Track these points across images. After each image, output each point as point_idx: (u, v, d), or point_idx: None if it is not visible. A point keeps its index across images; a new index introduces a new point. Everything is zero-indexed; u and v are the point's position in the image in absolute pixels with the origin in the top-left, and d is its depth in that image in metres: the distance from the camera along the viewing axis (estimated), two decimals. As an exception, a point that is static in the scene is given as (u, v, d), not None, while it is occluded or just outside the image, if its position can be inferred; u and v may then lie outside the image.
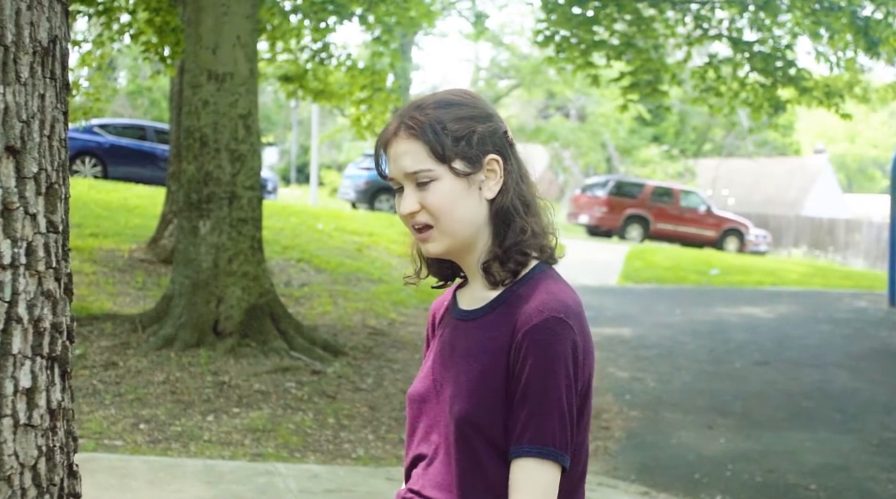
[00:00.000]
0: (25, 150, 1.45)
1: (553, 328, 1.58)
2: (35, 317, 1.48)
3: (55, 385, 1.54)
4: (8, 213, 1.42)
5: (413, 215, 1.67)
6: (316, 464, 5.78)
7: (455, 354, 1.70)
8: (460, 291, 1.80)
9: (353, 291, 12.39)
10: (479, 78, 41.88)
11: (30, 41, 1.45)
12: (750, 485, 5.95)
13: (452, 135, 1.65)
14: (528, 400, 1.58)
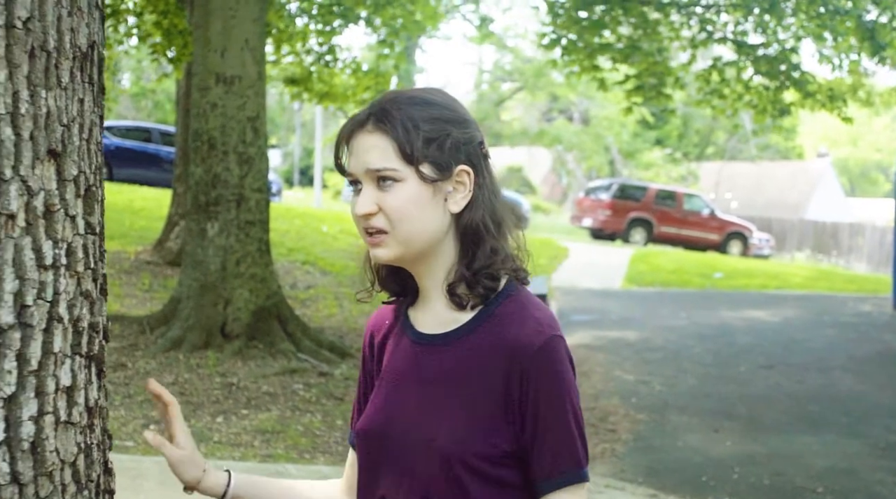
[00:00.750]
0: (66, 153, 1.48)
1: (557, 348, 1.48)
2: (74, 317, 1.51)
3: (92, 384, 1.57)
4: (49, 214, 1.45)
5: (368, 217, 1.51)
6: (325, 465, 5.81)
7: (424, 384, 1.55)
8: (413, 311, 1.63)
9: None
10: (483, 81, 41.90)
11: (70, 47, 1.48)
12: (757, 488, 5.97)
13: (424, 135, 1.50)
14: (550, 428, 1.47)
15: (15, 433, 1.41)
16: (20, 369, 1.41)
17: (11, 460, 1.40)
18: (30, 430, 1.43)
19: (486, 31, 14.27)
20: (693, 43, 10.78)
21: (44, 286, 1.44)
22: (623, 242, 25.43)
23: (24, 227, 1.41)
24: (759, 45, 10.96)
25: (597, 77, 11.25)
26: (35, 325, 1.43)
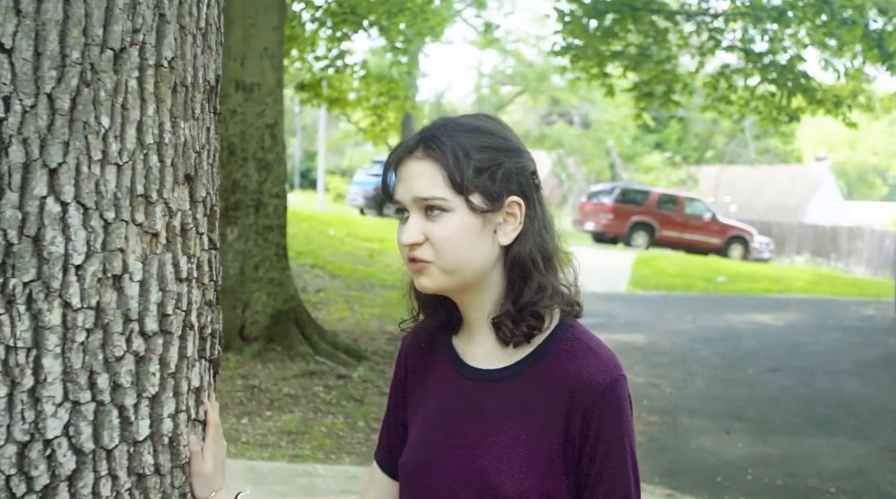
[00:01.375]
0: (197, 177, 1.64)
1: (622, 388, 1.46)
2: (201, 324, 1.66)
3: (211, 385, 1.73)
4: (185, 232, 1.61)
5: (414, 247, 1.47)
6: (352, 465, 5.96)
7: (480, 420, 1.50)
8: (458, 342, 1.59)
9: (368, 297, 12.57)
10: (483, 84, 42.06)
11: (202, 81, 1.64)
12: (771, 488, 6.13)
13: (475, 164, 1.45)
14: (607, 469, 1.44)
15: (157, 429, 1.57)
16: (162, 372, 1.57)
17: (154, 453, 1.56)
18: (169, 426, 1.59)
19: (492, 38, 14.44)
20: (701, 51, 10.96)
21: (180, 297, 1.60)
22: (625, 246, 25.61)
23: (165, 244, 1.57)
24: (766, 53, 11.14)
25: (605, 84, 11.42)
26: (174, 332, 1.59)
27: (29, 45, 1.38)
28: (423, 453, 1.55)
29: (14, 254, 1.39)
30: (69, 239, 1.43)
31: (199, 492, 1.67)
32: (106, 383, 1.49)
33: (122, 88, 1.48)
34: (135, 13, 1.48)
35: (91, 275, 1.46)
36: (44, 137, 1.40)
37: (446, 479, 1.51)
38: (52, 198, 1.42)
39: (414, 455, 1.57)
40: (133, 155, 1.50)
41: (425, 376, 1.62)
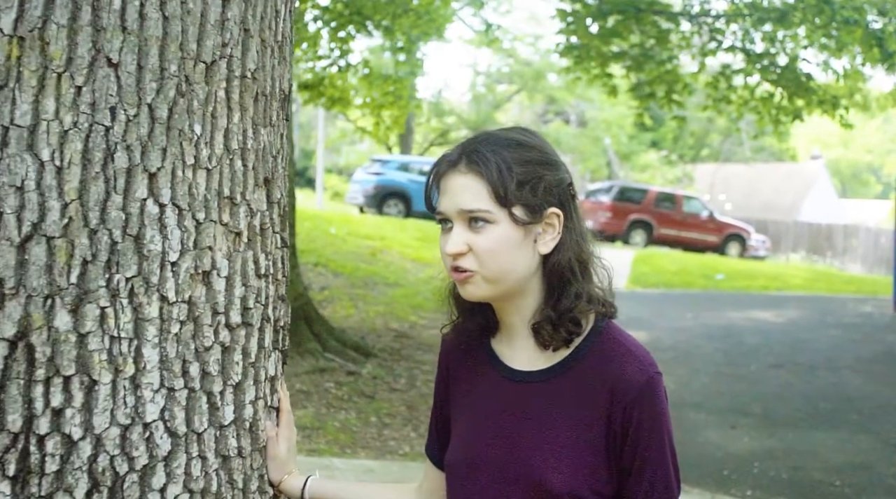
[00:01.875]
0: (273, 180, 1.76)
1: (658, 384, 1.53)
2: (275, 317, 1.78)
3: (282, 375, 1.85)
4: (263, 232, 1.73)
5: (458, 257, 1.54)
6: (368, 459, 6.08)
7: (524, 420, 1.58)
8: (498, 345, 1.67)
9: (371, 295, 12.68)
10: (479, 83, 42.16)
11: (279, 91, 1.76)
12: (777, 481, 6.25)
13: (518, 178, 1.52)
14: (648, 462, 1.52)
15: (240, 415, 1.69)
16: (244, 361, 1.69)
17: (237, 436, 1.69)
18: (250, 412, 1.71)
19: (493, 37, 14.55)
20: (703, 51, 11.09)
21: (259, 292, 1.72)
22: (623, 244, 25.74)
23: (246, 242, 1.69)
24: (767, 54, 11.27)
25: (608, 84, 11.54)
26: (254, 324, 1.71)
27: (133, 60, 1.50)
28: (468, 452, 1.63)
29: (118, 252, 1.51)
30: (166, 238, 1.55)
31: (273, 475, 1.79)
32: (196, 371, 1.61)
33: (212, 98, 1.60)
34: (223, 29, 1.60)
35: (185, 271, 1.58)
36: (144, 143, 1.52)
37: (493, 477, 1.58)
38: (151, 200, 1.54)
39: (460, 454, 1.65)
40: (220, 160, 1.62)
41: (467, 378, 1.69)
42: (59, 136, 1.46)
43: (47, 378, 1.47)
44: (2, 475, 1.45)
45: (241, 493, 1.70)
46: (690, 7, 10.95)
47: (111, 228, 1.50)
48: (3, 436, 1.45)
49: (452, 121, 37.07)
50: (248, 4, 1.64)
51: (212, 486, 1.64)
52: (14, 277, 1.45)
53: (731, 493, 6.02)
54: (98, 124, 1.48)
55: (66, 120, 1.46)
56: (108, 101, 1.49)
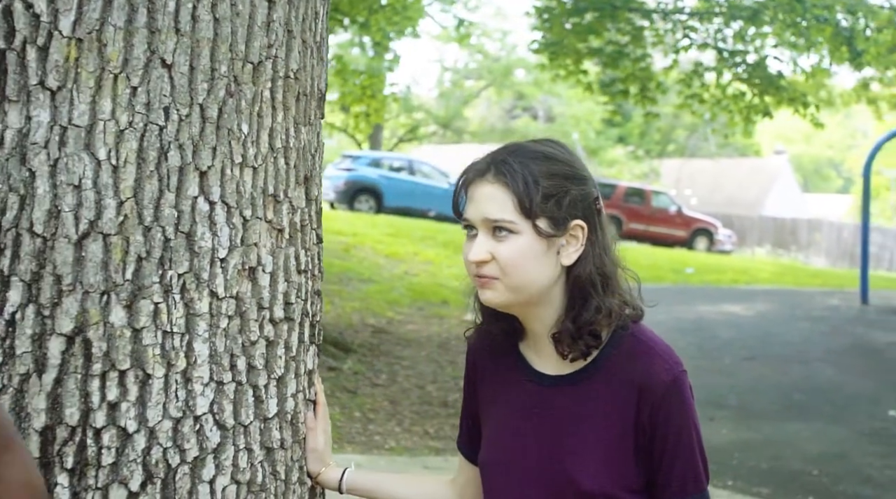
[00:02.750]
0: (312, 178, 1.79)
1: (684, 382, 1.58)
2: (313, 312, 1.82)
3: (318, 368, 1.89)
4: (302, 228, 1.76)
5: (481, 265, 1.58)
6: (354, 454, 6.11)
7: (557, 423, 1.62)
8: (525, 349, 1.70)
9: (346, 291, 12.68)
10: (446, 79, 42.22)
11: (317, 90, 1.80)
12: (757, 471, 6.37)
13: (544, 191, 1.54)
14: (679, 455, 1.56)
15: (282, 408, 1.73)
16: (286, 355, 1.73)
17: (280, 428, 1.72)
18: (291, 405, 1.75)
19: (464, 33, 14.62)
20: (675, 48, 11.22)
21: (300, 287, 1.76)
22: (593, 239, 25.88)
23: (288, 238, 1.73)
24: (738, 52, 11.43)
25: (582, 82, 11.65)
26: (295, 318, 1.75)
27: (186, 61, 1.54)
28: (500, 454, 1.67)
29: (171, 248, 1.55)
30: (216, 235, 1.59)
31: (312, 466, 1.83)
32: (243, 365, 1.65)
33: (259, 98, 1.64)
34: (269, 30, 1.64)
35: (233, 267, 1.62)
36: (196, 142, 1.56)
37: (526, 477, 1.62)
38: (202, 198, 1.57)
39: (492, 456, 1.69)
40: (265, 158, 1.66)
41: (495, 380, 1.73)
42: (116, 135, 1.49)
43: (103, 373, 1.50)
44: (60, 467, 1.49)
45: (284, 484, 1.74)
46: (665, 5, 11.07)
47: (164, 226, 1.54)
48: (62, 429, 1.48)
49: (421, 117, 37.08)
50: (292, 6, 1.68)
51: (257, 477, 1.68)
52: (71, 273, 1.48)
53: (713, 484, 6.09)
54: (152, 124, 1.52)
55: (121, 120, 1.50)
56: (162, 101, 1.52)
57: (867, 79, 22.09)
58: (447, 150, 46.34)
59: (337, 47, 26.17)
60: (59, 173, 1.46)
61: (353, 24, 11.60)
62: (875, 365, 10.01)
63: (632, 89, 11.32)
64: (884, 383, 9.14)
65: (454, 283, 14.70)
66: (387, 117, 34.69)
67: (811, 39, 10.71)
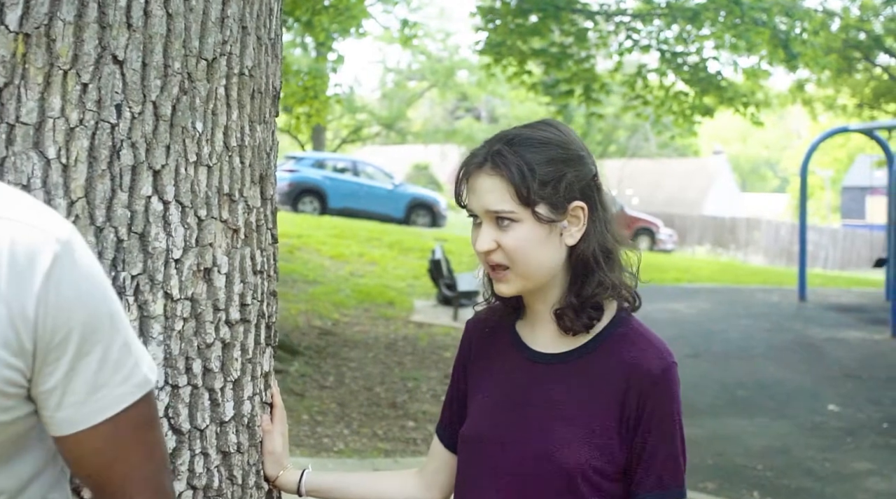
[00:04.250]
0: (267, 177, 1.76)
1: (674, 374, 1.61)
2: (268, 313, 1.79)
3: (273, 371, 1.86)
4: (258, 228, 1.73)
5: (489, 254, 1.61)
6: (302, 457, 6.06)
7: (542, 399, 1.63)
8: (522, 328, 1.72)
9: (291, 293, 12.58)
10: (388, 80, 42.14)
11: (271, 88, 1.77)
12: (702, 467, 6.45)
13: (540, 178, 1.57)
14: (659, 447, 1.58)
15: (239, 411, 1.70)
16: (242, 358, 1.70)
17: (237, 432, 1.69)
18: (248, 408, 1.72)
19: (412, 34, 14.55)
20: (619, 50, 11.33)
21: (256, 288, 1.73)
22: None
23: (244, 239, 1.70)
24: (681, 54, 11.58)
25: (526, 83, 11.70)
26: (251, 320, 1.72)
27: (138, 57, 1.50)
28: (485, 427, 1.67)
29: (124, 249, 1.51)
30: (170, 235, 1.55)
31: (270, 470, 1.80)
32: (199, 367, 1.61)
33: (213, 95, 1.60)
34: (223, 26, 1.61)
35: (188, 268, 1.58)
36: (149, 141, 1.52)
37: (504, 449, 1.63)
38: (156, 197, 1.53)
39: (475, 427, 1.69)
40: (220, 157, 1.63)
41: (488, 357, 1.74)
42: (66, 133, 1.45)
43: (55, 378, 1.46)
44: (10, 477, 1.43)
45: (240, 488, 1.71)
46: (607, 6, 11.17)
47: (117, 226, 1.50)
48: (12, 437, 1.43)
49: (364, 117, 36.96)
50: (246, 2, 1.65)
51: (214, 482, 1.64)
52: (20, 276, 1.43)
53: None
54: (104, 122, 1.48)
55: (72, 117, 1.45)
56: (114, 98, 1.48)
57: (803, 80, 22.58)
58: (391, 150, 46.27)
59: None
60: (7, 173, 1.42)
61: (297, 24, 11.50)
62: (814, 360, 10.21)
63: (576, 90, 11.40)
64: (822, 377, 9.32)
65: (400, 284, 14.69)
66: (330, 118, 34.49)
67: (750, 41, 10.89)
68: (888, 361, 10.29)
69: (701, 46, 11.69)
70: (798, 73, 20.14)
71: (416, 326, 11.31)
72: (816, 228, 36.43)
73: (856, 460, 6.64)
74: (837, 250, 34.88)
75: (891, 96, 21.54)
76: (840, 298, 16.07)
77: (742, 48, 11.09)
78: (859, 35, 19.21)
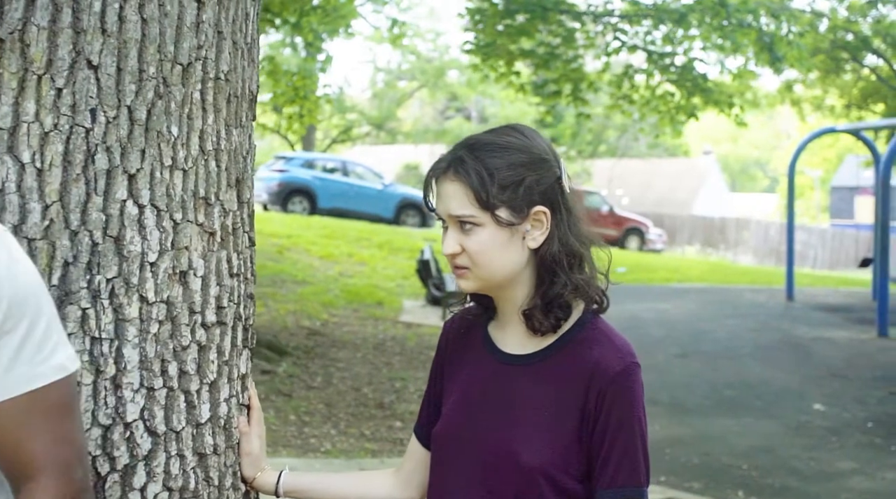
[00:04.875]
0: (244, 180, 1.78)
1: (634, 373, 1.61)
2: (245, 316, 1.80)
3: (251, 372, 1.87)
4: (235, 231, 1.74)
5: (454, 256, 1.65)
6: (289, 457, 6.07)
7: (510, 400, 1.66)
8: (493, 329, 1.75)
9: (280, 293, 12.58)
10: (378, 80, 42.13)
11: (248, 92, 1.78)
12: (688, 467, 6.48)
13: (500, 183, 1.59)
14: (618, 445, 1.59)
15: (215, 412, 1.71)
16: (218, 360, 1.71)
17: (213, 434, 1.71)
18: (224, 410, 1.73)
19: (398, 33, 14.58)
20: (606, 50, 11.37)
21: (232, 291, 1.74)
22: (526, 239, 26.05)
23: (220, 242, 1.71)
24: (667, 54, 11.62)
25: (514, 83, 11.73)
26: (228, 322, 1.73)
27: (113, 62, 1.51)
28: (454, 425, 1.71)
29: (99, 253, 1.52)
30: (145, 238, 1.57)
31: (247, 471, 1.81)
32: (175, 370, 1.63)
33: (189, 100, 1.62)
34: (199, 31, 1.62)
35: (163, 271, 1.59)
36: (124, 145, 1.53)
37: (473, 449, 1.66)
38: (131, 201, 1.55)
39: (445, 426, 1.72)
40: (196, 161, 1.64)
41: (461, 358, 1.77)
42: (40, 138, 1.46)
43: (30, 380, 1.47)
44: (-15, 478, 1.45)
45: (217, 490, 1.72)
46: (595, 7, 11.21)
47: (92, 230, 1.51)
48: (-14, 439, 1.44)
49: (354, 117, 36.94)
50: (222, 7, 1.66)
51: (189, 484, 1.66)
52: (-5, 279, 1.44)
53: (646, 479, 6.22)
54: (78, 126, 1.49)
55: (46, 122, 1.46)
56: (89, 103, 1.49)
57: (791, 81, 22.65)
58: (381, 150, 46.26)
59: (268, 48, 25.96)
60: (-18, 177, 1.43)
61: (285, 25, 11.51)
62: (801, 360, 10.26)
63: (564, 90, 11.43)
64: (809, 377, 9.37)
65: (389, 284, 14.71)
66: (320, 118, 34.49)
67: (736, 42, 10.93)
68: (874, 360, 10.35)
69: (689, 47, 11.75)
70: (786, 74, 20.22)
71: (404, 326, 11.33)
72: (805, 228, 36.58)
73: (840, 459, 6.68)
74: (826, 250, 35.02)
75: (879, 97, 21.63)
76: (827, 297, 16.14)
77: (728, 49, 11.14)
78: (847, 36, 19.29)
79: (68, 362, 1.31)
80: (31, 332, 1.26)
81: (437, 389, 1.82)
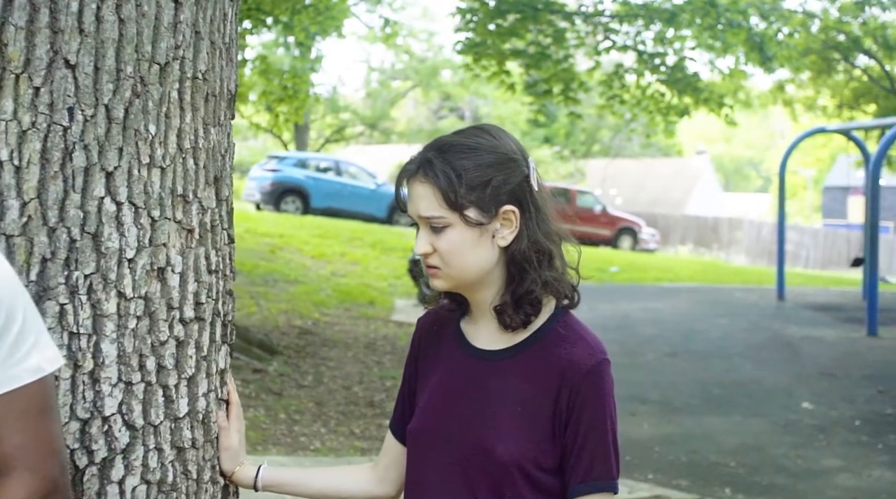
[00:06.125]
0: (222, 178, 1.80)
1: (605, 369, 1.65)
2: (224, 312, 1.83)
3: (230, 368, 1.90)
4: (213, 228, 1.77)
5: (426, 256, 1.68)
6: (279, 456, 6.09)
7: (481, 395, 1.69)
8: (466, 325, 1.78)
9: (272, 292, 12.60)
10: (372, 79, 42.13)
11: (226, 91, 1.80)
12: (676, 465, 6.51)
13: (468, 183, 1.62)
14: (589, 439, 1.62)
15: (193, 407, 1.73)
16: (196, 355, 1.74)
17: (192, 428, 1.73)
18: (203, 404, 1.76)
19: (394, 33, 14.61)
20: (597, 50, 11.41)
21: (210, 287, 1.77)
22: (519, 239, 26.06)
23: (198, 239, 1.73)
24: (658, 54, 11.66)
25: (505, 83, 11.76)
26: (206, 318, 1.76)
27: (90, 61, 1.53)
28: (428, 421, 1.74)
29: (77, 249, 1.54)
30: (123, 235, 1.59)
31: (226, 465, 1.84)
32: (153, 365, 1.65)
33: (166, 99, 1.64)
34: (176, 31, 1.65)
35: (141, 267, 1.62)
36: (102, 143, 1.56)
37: (448, 443, 1.70)
38: (108, 198, 1.57)
39: (420, 422, 1.76)
40: (174, 159, 1.66)
41: (435, 354, 1.81)
42: (18, 136, 1.48)
43: (8, 375, 1.49)
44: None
45: (195, 483, 1.74)
46: (585, 7, 11.24)
47: (70, 227, 1.53)
48: (-35, 433, 1.46)
49: (348, 117, 36.94)
50: (199, 7, 1.69)
51: (168, 477, 1.68)
52: (-26, 275, 1.46)
53: (634, 477, 6.24)
54: (56, 124, 1.51)
55: (24, 120, 1.49)
56: (66, 101, 1.52)
57: (783, 81, 22.71)
58: (374, 150, 46.27)
59: (261, 47, 25.95)
60: (-40, 174, 1.45)
61: (277, 24, 11.52)
62: (790, 359, 10.30)
63: (555, 89, 11.47)
64: (798, 376, 9.41)
65: (381, 283, 14.73)
66: (313, 118, 34.47)
67: (726, 42, 10.97)
68: (863, 359, 10.39)
69: (681, 47, 11.79)
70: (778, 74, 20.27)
71: (396, 325, 11.35)
72: (798, 228, 36.68)
73: (827, 456, 6.72)
74: (818, 250, 35.12)
75: (870, 97, 21.70)
76: (818, 297, 16.20)
77: (719, 49, 11.18)
78: (839, 36, 19.35)
79: (45, 364, 1.34)
80: (5, 334, 1.28)
81: (411, 385, 1.85)
